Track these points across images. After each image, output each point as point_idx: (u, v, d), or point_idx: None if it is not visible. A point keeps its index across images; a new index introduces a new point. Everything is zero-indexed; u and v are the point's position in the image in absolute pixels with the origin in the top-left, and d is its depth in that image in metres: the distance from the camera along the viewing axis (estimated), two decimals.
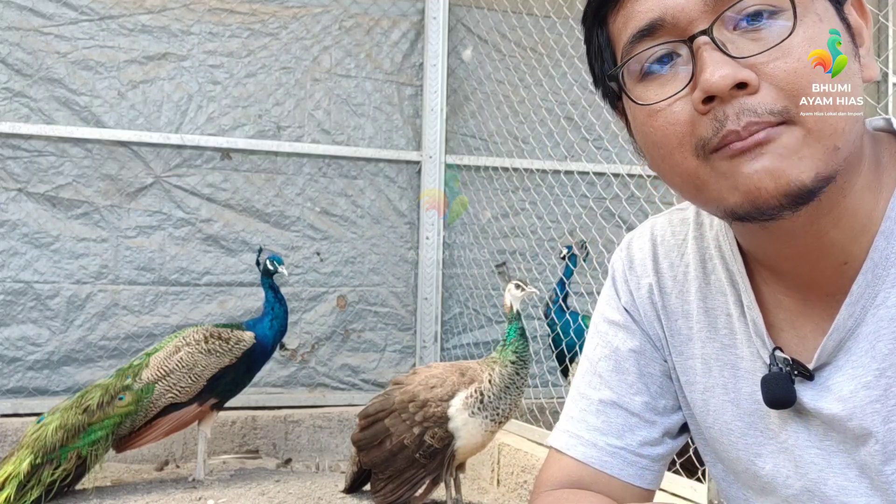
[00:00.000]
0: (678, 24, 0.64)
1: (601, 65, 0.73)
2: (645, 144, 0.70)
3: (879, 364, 0.67)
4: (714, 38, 0.62)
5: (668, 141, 0.66)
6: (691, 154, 0.65)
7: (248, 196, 3.54)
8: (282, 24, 3.63)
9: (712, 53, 0.62)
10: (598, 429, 0.85)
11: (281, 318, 2.83)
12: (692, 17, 0.64)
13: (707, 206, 0.69)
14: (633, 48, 0.67)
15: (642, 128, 0.69)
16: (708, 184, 0.65)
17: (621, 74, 0.69)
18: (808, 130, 0.61)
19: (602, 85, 0.75)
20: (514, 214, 3.73)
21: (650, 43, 0.66)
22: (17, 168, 3.28)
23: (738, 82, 0.61)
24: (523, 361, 2.26)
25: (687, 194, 0.70)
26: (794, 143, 0.61)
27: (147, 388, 2.56)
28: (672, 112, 0.65)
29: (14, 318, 3.24)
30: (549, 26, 3.46)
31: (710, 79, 0.61)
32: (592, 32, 0.73)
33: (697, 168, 0.65)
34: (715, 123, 0.63)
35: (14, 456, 2.42)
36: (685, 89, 0.64)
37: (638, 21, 0.66)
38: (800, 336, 0.74)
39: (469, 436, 2.22)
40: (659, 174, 0.71)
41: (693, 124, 0.64)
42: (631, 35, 0.67)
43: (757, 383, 0.76)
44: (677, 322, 0.84)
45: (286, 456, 3.29)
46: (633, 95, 0.68)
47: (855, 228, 0.68)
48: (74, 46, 3.36)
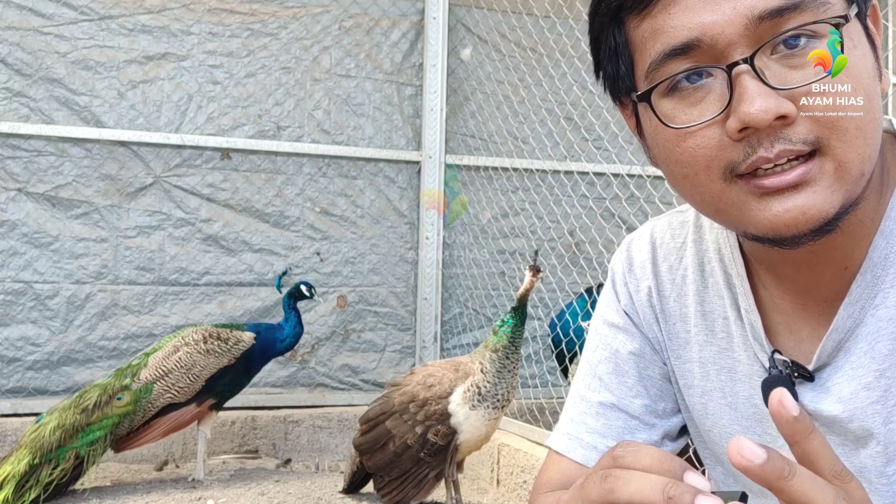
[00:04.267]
0: (716, 46, 0.61)
1: (615, 66, 0.70)
2: (667, 160, 0.68)
3: (879, 365, 0.67)
4: (755, 67, 0.60)
5: (696, 163, 0.64)
6: (718, 177, 0.63)
7: (247, 196, 3.54)
8: (281, 24, 3.63)
9: (752, 83, 0.60)
10: (597, 431, 0.84)
11: (295, 340, 2.86)
12: (731, 40, 0.61)
13: (725, 225, 0.68)
14: (664, 66, 0.64)
15: (667, 145, 0.66)
16: (731, 208, 0.64)
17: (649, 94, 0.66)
18: (838, 163, 0.60)
19: (611, 82, 0.72)
20: (514, 214, 3.73)
21: (683, 63, 0.63)
22: (16, 168, 3.27)
23: (778, 116, 0.59)
24: (515, 346, 2.27)
25: (704, 211, 0.69)
26: (828, 180, 0.60)
27: (145, 388, 2.56)
28: (703, 136, 0.63)
29: (14, 318, 3.23)
30: (549, 26, 3.45)
31: (750, 111, 0.59)
32: (607, 30, 0.69)
33: (722, 191, 0.64)
34: (747, 149, 0.61)
35: (12, 456, 2.41)
36: (720, 115, 0.62)
37: (671, 38, 0.63)
38: (796, 339, 0.74)
39: (472, 428, 2.23)
40: (676, 188, 0.70)
41: (723, 148, 0.62)
42: (662, 52, 0.63)
43: (754, 387, 0.76)
44: (675, 325, 0.84)
45: (286, 456, 3.29)
46: (659, 112, 0.65)
47: (859, 233, 0.67)
48: (74, 46, 3.36)
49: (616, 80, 0.70)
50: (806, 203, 0.60)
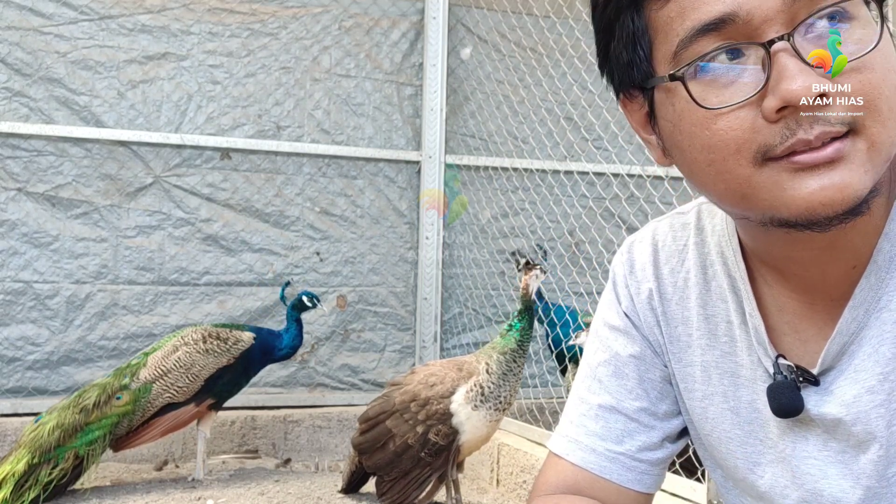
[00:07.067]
0: (751, 22, 0.59)
1: (631, 53, 0.67)
2: (691, 147, 0.65)
3: (883, 368, 0.67)
4: (795, 45, 0.59)
5: (726, 146, 0.62)
6: (748, 161, 0.62)
7: (247, 196, 3.54)
8: (281, 24, 3.63)
9: (791, 60, 0.59)
10: (596, 434, 0.84)
11: (292, 351, 2.86)
12: (768, 15, 0.59)
13: (750, 212, 0.65)
14: (695, 44, 0.62)
15: (694, 129, 0.64)
16: (759, 193, 0.62)
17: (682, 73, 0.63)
18: (871, 143, 0.60)
19: (623, 72, 0.69)
20: (514, 214, 3.73)
21: (716, 40, 0.61)
22: (16, 168, 3.27)
23: (819, 94, 0.58)
24: (522, 350, 2.27)
25: (727, 201, 0.66)
26: (861, 158, 0.59)
27: (144, 387, 2.56)
28: (735, 117, 0.61)
29: (13, 318, 3.23)
30: (549, 26, 3.45)
31: (792, 88, 0.58)
32: (624, 15, 0.67)
33: (751, 176, 0.62)
34: (785, 131, 0.60)
35: (11, 456, 2.41)
36: (756, 95, 0.60)
37: (703, 14, 0.61)
38: (802, 340, 0.73)
39: (474, 429, 2.23)
40: (696, 180, 0.67)
41: (756, 131, 0.61)
42: (693, 29, 0.61)
43: (757, 392, 0.75)
44: (677, 329, 0.83)
45: (285, 456, 3.29)
46: (693, 94, 0.63)
47: (869, 230, 0.67)
48: (74, 46, 3.36)
49: (632, 67, 0.68)
50: (843, 180, 0.59)
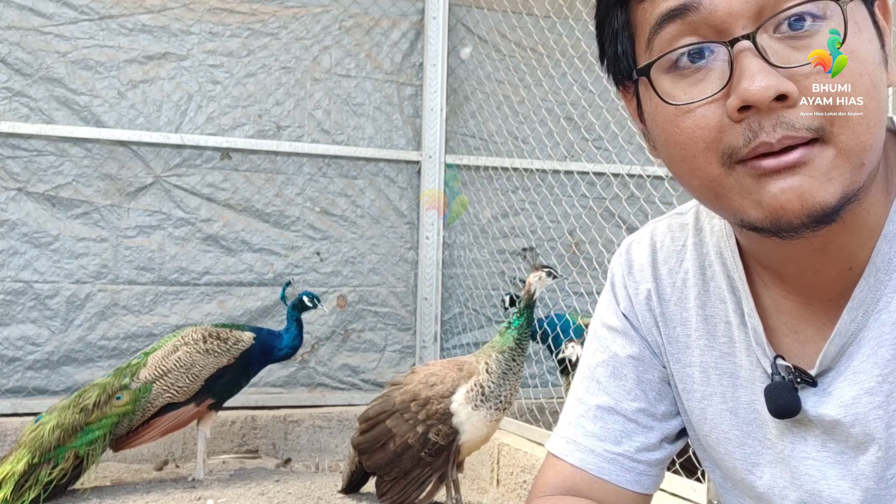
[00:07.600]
0: (715, 13, 0.60)
1: (615, 48, 0.69)
2: (665, 142, 0.66)
3: (881, 370, 0.67)
4: (757, 45, 0.59)
5: (694, 144, 0.63)
6: (716, 161, 0.62)
7: (247, 196, 3.54)
8: (282, 23, 3.63)
9: (753, 60, 0.59)
10: (595, 434, 0.84)
11: (292, 351, 2.86)
12: (732, 8, 0.60)
13: (723, 213, 0.66)
14: (661, 31, 0.63)
15: (665, 126, 0.65)
16: (729, 194, 0.63)
17: (649, 67, 0.64)
18: (839, 150, 0.59)
19: (613, 66, 0.71)
20: (514, 214, 3.73)
21: (681, 27, 0.62)
22: (16, 168, 3.27)
23: (779, 94, 0.58)
24: (521, 349, 2.26)
25: (703, 198, 0.67)
26: (826, 165, 0.59)
27: (144, 387, 2.56)
28: (702, 115, 0.62)
29: (13, 318, 3.23)
30: (549, 26, 3.45)
31: (751, 88, 0.58)
32: (611, 11, 0.69)
33: (720, 176, 0.62)
34: (748, 133, 0.60)
35: (11, 455, 2.41)
36: (720, 93, 0.61)
37: (669, 1, 0.62)
38: (801, 340, 0.73)
39: (474, 429, 2.22)
40: (674, 173, 0.68)
41: (722, 130, 0.61)
42: (659, 16, 0.63)
43: (756, 392, 0.75)
44: (675, 329, 0.83)
45: (286, 456, 3.29)
46: (660, 89, 0.64)
47: (864, 234, 0.66)
48: (74, 46, 3.36)
49: (619, 61, 0.69)
50: (802, 185, 0.59)
